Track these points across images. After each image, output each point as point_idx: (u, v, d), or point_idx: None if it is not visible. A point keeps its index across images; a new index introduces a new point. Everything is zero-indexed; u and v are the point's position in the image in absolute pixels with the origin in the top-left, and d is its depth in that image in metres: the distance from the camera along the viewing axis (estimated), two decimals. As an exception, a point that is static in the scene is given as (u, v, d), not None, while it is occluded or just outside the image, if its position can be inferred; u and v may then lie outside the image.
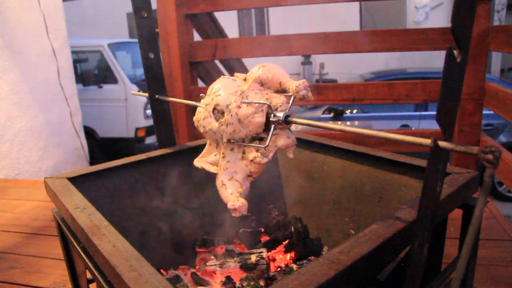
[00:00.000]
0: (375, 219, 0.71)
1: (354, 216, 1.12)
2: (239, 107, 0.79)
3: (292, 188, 1.36)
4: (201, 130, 0.89)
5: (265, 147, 0.78)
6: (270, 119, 0.77)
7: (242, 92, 0.81)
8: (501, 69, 8.82)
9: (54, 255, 1.48)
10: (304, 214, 1.29)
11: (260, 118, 0.77)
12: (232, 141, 0.82)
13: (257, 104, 0.78)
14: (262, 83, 0.82)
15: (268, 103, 0.77)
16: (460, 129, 1.98)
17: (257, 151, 0.81)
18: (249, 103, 0.79)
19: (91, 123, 5.54)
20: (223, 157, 0.84)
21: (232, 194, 0.83)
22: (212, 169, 0.89)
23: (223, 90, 0.84)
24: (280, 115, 0.76)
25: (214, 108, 0.84)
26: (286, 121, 0.76)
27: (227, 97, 0.82)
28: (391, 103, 2.19)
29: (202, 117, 0.88)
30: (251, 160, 0.81)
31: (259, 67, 0.82)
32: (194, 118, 0.91)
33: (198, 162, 0.92)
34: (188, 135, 2.39)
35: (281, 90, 0.81)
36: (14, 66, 2.92)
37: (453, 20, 0.46)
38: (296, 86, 0.76)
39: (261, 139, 0.81)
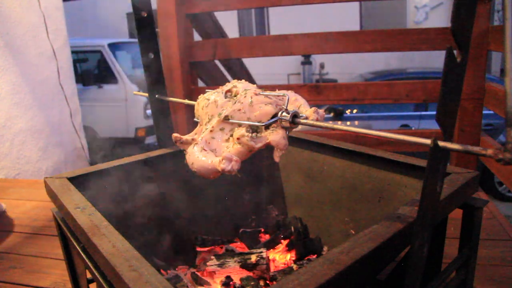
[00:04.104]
0: (375, 219, 0.71)
1: (354, 216, 1.12)
2: (256, 94, 0.80)
3: (292, 188, 1.36)
4: (202, 104, 0.87)
5: (263, 125, 0.77)
6: (279, 114, 0.78)
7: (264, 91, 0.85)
8: (501, 69, 8.81)
9: (54, 255, 1.48)
10: (304, 214, 1.29)
11: (270, 108, 0.78)
12: (229, 118, 0.81)
13: (274, 97, 0.80)
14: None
15: (287, 95, 0.79)
16: (460, 129, 1.98)
17: (247, 132, 0.79)
18: (267, 95, 0.81)
19: (91, 123, 5.54)
20: (211, 130, 0.81)
21: (217, 158, 0.77)
22: (189, 137, 0.85)
23: (245, 84, 0.88)
24: (289, 113, 0.76)
25: (229, 90, 0.85)
26: (293, 120, 0.76)
27: (247, 86, 0.86)
28: (391, 103, 2.19)
29: (211, 93, 0.88)
30: (238, 138, 0.78)
31: (289, 91, 0.86)
32: (200, 95, 0.91)
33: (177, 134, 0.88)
34: (188, 135, 2.37)
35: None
36: (14, 66, 2.92)
37: (453, 20, 0.46)
38: (313, 112, 0.80)
39: (257, 132, 0.80)
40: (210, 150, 0.80)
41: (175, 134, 0.86)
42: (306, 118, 0.79)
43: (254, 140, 0.77)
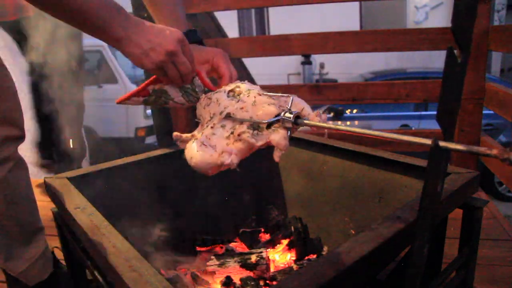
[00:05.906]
0: (375, 219, 0.71)
1: (354, 216, 1.12)
2: (260, 94, 0.80)
3: (292, 188, 1.36)
4: (204, 102, 0.87)
5: (265, 122, 0.77)
6: (281, 114, 0.77)
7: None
8: (501, 69, 8.82)
9: (54, 255, 1.47)
10: (304, 214, 1.29)
11: (273, 108, 0.77)
12: (231, 116, 0.80)
13: (278, 98, 0.80)
14: None
15: (292, 96, 0.79)
16: (460, 129, 1.98)
17: (249, 128, 0.79)
18: (271, 96, 0.80)
19: (91, 123, 5.54)
20: (212, 127, 0.81)
21: (216, 153, 0.76)
22: (189, 135, 0.84)
23: (248, 85, 0.87)
24: (292, 114, 0.76)
25: (232, 90, 0.85)
26: (296, 121, 0.76)
27: (250, 86, 0.85)
28: (391, 103, 2.19)
29: (214, 92, 0.87)
30: (238, 135, 0.77)
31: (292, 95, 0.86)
32: (202, 95, 0.91)
33: (177, 133, 0.88)
34: (188, 135, 2.38)
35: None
36: (14, 66, 2.92)
37: (453, 20, 0.46)
38: (316, 116, 0.80)
39: (259, 131, 0.80)
40: (210, 145, 0.80)
41: (175, 133, 0.86)
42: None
43: (255, 138, 0.77)
